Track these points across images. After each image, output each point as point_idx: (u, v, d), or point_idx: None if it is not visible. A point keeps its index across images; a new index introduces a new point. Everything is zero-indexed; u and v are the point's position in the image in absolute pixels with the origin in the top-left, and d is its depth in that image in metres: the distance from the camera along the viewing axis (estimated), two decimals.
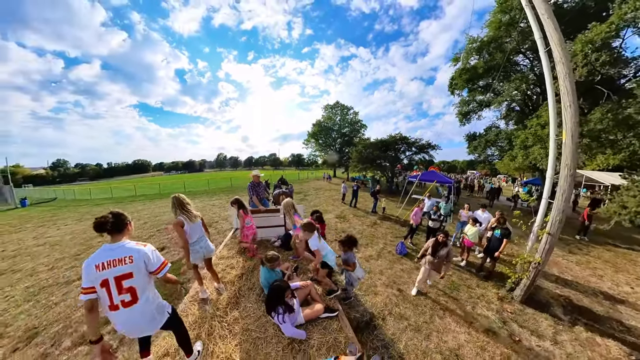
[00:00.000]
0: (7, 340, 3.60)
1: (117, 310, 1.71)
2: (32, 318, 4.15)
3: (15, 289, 5.27)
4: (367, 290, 4.64)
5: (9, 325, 3.97)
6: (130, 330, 1.87)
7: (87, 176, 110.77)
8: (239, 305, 2.99)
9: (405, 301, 4.30)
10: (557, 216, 3.77)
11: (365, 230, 8.57)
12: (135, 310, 1.76)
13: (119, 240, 1.83)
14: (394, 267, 5.63)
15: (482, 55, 11.46)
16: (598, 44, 7.13)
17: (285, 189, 9.45)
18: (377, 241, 7.42)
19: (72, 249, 7.63)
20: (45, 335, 3.68)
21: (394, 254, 6.42)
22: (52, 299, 4.73)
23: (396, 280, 5.03)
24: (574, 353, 3.28)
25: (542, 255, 3.94)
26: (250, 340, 2.42)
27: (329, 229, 8.63)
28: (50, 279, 5.63)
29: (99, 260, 1.70)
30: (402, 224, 9.36)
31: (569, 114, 3.54)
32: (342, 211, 11.52)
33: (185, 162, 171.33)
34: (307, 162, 47.42)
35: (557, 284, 5.18)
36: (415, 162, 19.53)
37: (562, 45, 3.62)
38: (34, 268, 6.36)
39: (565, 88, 3.57)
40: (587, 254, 7.16)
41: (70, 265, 6.33)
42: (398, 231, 8.50)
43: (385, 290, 4.63)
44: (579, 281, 5.37)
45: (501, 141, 12.32)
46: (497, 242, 5.02)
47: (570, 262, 6.43)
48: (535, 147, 9.05)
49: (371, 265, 5.72)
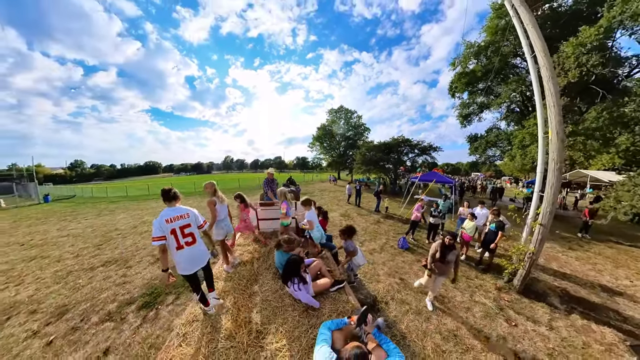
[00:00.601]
0: (41, 315, 3.98)
1: (183, 249, 2.46)
2: (62, 297, 4.52)
3: (44, 272, 5.71)
4: (370, 279, 4.84)
5: (41, 303, 4.36)
6: (191, 263, 2.55)
7: (102, 176, 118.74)
8: (258, 281, 3.29)
9: (406, 289, 4.48)
10: (547, 208, 3.95)
11: (369, 227, 8.76)
12: (195, 248, 2.56)
13: (175, 205, 2.58)
14: (396, 259, 5.82)
15: (480, 59, 11.66)
16: (588, 46, 7.29)
17: (295, 188, 9.79)
18: (380, 237, 7.61)
19: (94, 240, 8.24)
20: (75, 312, 4.02)
21: (396, 248, 6.60)
22: (79, 281, 5.14)
23: (398, 270, 5.22)
24: (569, 337, 3.40)
25: (535, 246, 4.09)
26: (270, 309, 2.66)
27: (334, 225, 8.85)
28: (76, 265, 6.09)
29: (167, 216, 2.42)
30: (404, 222, 9.51)
31: (553, 113, 3.76)
32: (346, 210, 11.74)
33: (194, 164, 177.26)
34: (311, 164, 47.84)
35: (555, 277, 5.27)
36: (418, 164, 19.65)
37: (544, 52, 3.86)
38: (60, 255, 6.85)
39: (549, 90, 3.81)
40: (588, 250, 7.18)
41: (94, 253, 6.85)
42: (400, 229, 8.66)
43: (388, 279, 4.83)
44: (578, 275, 5.43)
45: (501, 142, 12.43)
46: (492, 235, 5.18)
47: (570, 258, 6.48)
48: (532, 146, 9.16)
49: (374, 258, 5.92)
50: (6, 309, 4.22)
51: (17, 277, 5.55)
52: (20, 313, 4.07)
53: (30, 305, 4.28)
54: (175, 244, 2.41)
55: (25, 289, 4.92)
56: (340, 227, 4.13)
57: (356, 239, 7.25)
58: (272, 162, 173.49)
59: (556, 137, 3.79)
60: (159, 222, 2.37)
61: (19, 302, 4.43)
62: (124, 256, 6.47)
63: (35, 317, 3.93)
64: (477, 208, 6.59)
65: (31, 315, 3.99)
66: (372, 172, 19.45)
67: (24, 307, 4.23)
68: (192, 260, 2.55)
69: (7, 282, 5.31)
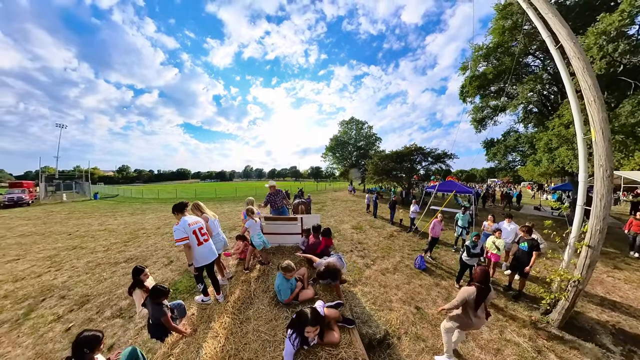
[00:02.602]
0: (67, 302, 4.43)
1: (203, 244, 2.98)
2: (87, 287, 4.97)
3: (79, 262, 6.39)
4: (381, 306, 4.19)
5: (70, 289, 4.87)
6: (209, 254, 3.06)
7: (142, 179, 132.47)
8: (253, 305, 3.01)
9: (423, 320, 3.78)
10: (596, 225, 3.14)
11: (381, 242, 8.04)
12: (210, 243, 3.13)
13: (185, 215, 3.05)
14: (412, 283, 5.09)
15: (490, 61, 10.82)
16: (612, 34, 6.36)
17: (305, 199, 9.40)
18: (394, 254, 6.87)
19: (123, 237, 8.91)
20: (93, 304, 4.34)
21: (412, 268, 5.83)
22: (103, 274, 5.56)
23: (414, 296, 4.50)
24: None
25: (582, 272, 3.26)
26: (259, 342, 2.38)
27: (344, 239, 8.28)
28: (104, 258, 6.63)
29: (188, 221, 2.91)
30: (422, 236, 8.67)
31: (595, 109, 3.04)
32: (358, 222, 11.05)
33: (218, 172, 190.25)
34: (325, 174, 47.70)
35: (602, 307, 4.23)
36: (432, 172, 18.52)
37: (573, 39, 3.20)
38: (94, 247, 7.60)
39: (585, 82, 3.11)
40: (638, 269, 5.93)
41: (120, 249, 7.42)
42: (416, 244, 7.84)
43: (402, 307, 4.14)
44: (631, 303, 4.35)
45: (522, 146, 11.12)
46: (524, 256, 4.32)
47: (617, 280, 5.29)
48: (561, 149, 7.99)
49: (387, 279, 5.23)
50: (44, 290, 4.85)
51: (59, 263, 6.33)
52: (53, 296, 4.60)
53: (61, 291, 4.81)
54: (197, 241, 2.92)
55: (62, 275, 5.58)
56: (355, 249, 3.64)
57: (364, 256, 6.65)
58: (288, 171, 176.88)
59: (602, 138, 3.03)
60: (182, 227, 2.83)
61: (55, 286, 5.04)
62: (144, 254, 6.86)
63: (62, 303, 4.38)
64: (504, 222, 5.69)
65: (60, 300, 4.46)
66: (384, 181, 18.57)
67: (57, 292, 4.78)
68: (210, 251, 3.10)
69: (50, 266, 6.11)
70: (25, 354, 3.16)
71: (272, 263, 4.05)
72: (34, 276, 5.52)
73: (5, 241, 8.49)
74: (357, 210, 14.05)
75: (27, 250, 7.47)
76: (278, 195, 5.81)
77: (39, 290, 4.82)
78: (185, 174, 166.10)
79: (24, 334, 3.53)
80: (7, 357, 3.12)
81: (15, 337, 3.49)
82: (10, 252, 7.24)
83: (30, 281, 5.28)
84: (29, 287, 5.00)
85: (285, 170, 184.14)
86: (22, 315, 4.00)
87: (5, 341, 3.40)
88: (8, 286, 5.04)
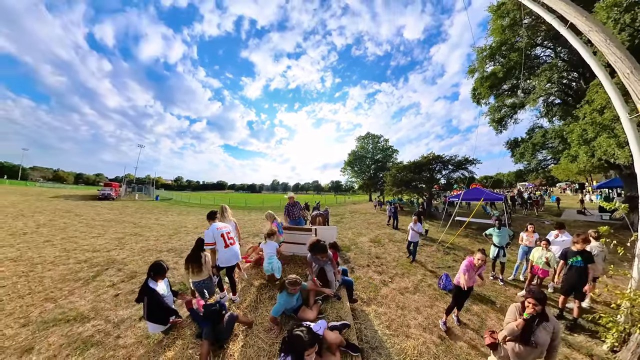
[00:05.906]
0: (122, 274, 5.30)
1: (228, 247, 3.19)
2: (137, 266, 5.82)
3: (136, 245, 7.69)
4: (397, 330, 3.44)
5: (126, 265, 5.85)
6: (232, 257, 3.26)
7: (191, 188, 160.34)
8: (257, 310, 3.05)
9: (448, 354, 2.99)
10: None
11: (401, 257, 7.11)
12: (235, 247, 3.36)
13: (215, 221, 3.47)
14: (435, 306, 4.22)
15: (497, 60, 9.97)
16: (625, 3, 5.59)
17: (322, 212, 9.11)
18: (415, 271, 5.96)
19: (169, 231, 10.43)
20: (137, 280, 4.99)
21: (436, 289, 4.92)
22: (150, 258, 6.35)
23: (437, 323, 3.66)
24: None
25: None
26: (255, 348, 2.34)
27: (362, 252, 7.56)
28: (154, 245, 7.83)
29: (218, 226, 3.24)
30: (446, 251, 7.57)
31: (635, 80, 2.32)
32: (377, 235, 10.14)
33: (249, 184, 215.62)
34: (344, 187, 47.52)
35: None
36: (454, 180, 16.76)
37: (584, 14, 2.62)
38: (149, 236, 9.12)
39: (614, 55, 2.44)
40: None
41: (166, 241, 8.63)
42: (441, 260, 6.78)
43: (422, 335, 3.36)
44: None
45: (551, 141, 9.53)
46: (579, 274, 3.31)
47: None
48: (600, 138, 6.53)
49: (406, 300, 4.42)
50: (109, 262, 5.99)
51: (123, 244, 7.80)
52: (113, 268, 5.60)
53: (120, 265, 5.81)
54: (224, 244, 3.15)
55: (123, 253, 6.80)
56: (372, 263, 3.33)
57: (381, 272, 5.84)
58: (310, 185, 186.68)
59: None
60: (212, 231, 3.15)
61: (117, 260, 6.14)
62: (182, 247, 7.59)
63: (118, 274, 5.26)
64: (552, 234, 4.57)
65: (117, 272, 5.37)
66: (403, 193, 17.29)
67: (117, 265, 5.80)
68: (234, 254, 3.28)
69: (117, 245, 7.60)
70: (85, 305, 3.95)
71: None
72: (105, 250, 6.95)
73: (94, 222, 11.47)
74: (376, 223, 13.08)
75: (106, 231, 9.65)
76: (295, 207, 6.02)
77: (105, 261, 5.98)
78: (223, 185, 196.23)
79: (88, 291, 4.44)
80: (75, 303, 3.97)
81: (83, 292, 4.41)
82: (95, 231, 9.50)
83: (102, 253, 6.65)
84: (100, 257, 6.31)
85: (308, 184, 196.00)
86: (91, 277, 5.05)
87: (77, 293, 4.36)
88: (88, 254, 6.50)
